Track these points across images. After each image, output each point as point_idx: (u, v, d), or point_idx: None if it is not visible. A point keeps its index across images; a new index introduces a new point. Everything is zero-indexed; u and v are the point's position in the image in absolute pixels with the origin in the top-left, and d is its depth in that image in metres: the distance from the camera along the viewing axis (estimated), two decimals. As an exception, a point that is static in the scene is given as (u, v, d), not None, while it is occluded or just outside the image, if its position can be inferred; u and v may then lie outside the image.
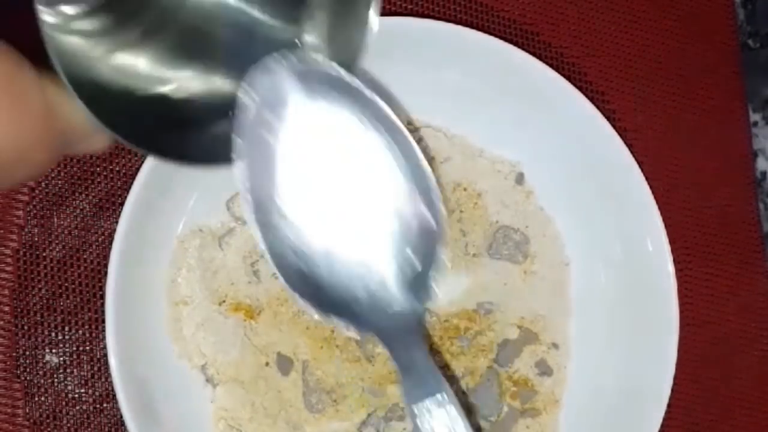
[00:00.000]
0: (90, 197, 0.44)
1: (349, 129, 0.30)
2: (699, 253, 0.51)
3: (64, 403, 0.42)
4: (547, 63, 0.43)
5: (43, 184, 0.43)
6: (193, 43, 0.30)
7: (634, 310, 0.45)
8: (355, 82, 0.29)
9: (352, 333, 0.32)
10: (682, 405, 0.48)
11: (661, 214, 0.43)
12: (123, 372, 0.38)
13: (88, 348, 0.43)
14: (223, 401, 0.42)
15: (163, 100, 0.29)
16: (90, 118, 0.24)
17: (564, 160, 0.45)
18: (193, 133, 0.29)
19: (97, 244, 0.43)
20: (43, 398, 0.42)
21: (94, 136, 0.26)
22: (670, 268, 0.43)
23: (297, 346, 0.43)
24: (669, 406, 0.43)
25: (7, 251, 0.42)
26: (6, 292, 0.42)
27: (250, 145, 0.29)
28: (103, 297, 0.38)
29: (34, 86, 0.23)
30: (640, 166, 0.43)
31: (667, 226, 0.43)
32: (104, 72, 0.28)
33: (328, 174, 0.31)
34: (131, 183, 0.39)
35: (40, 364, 0.42)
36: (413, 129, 0.46)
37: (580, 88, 0.43)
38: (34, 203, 0.43)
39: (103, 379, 0.43)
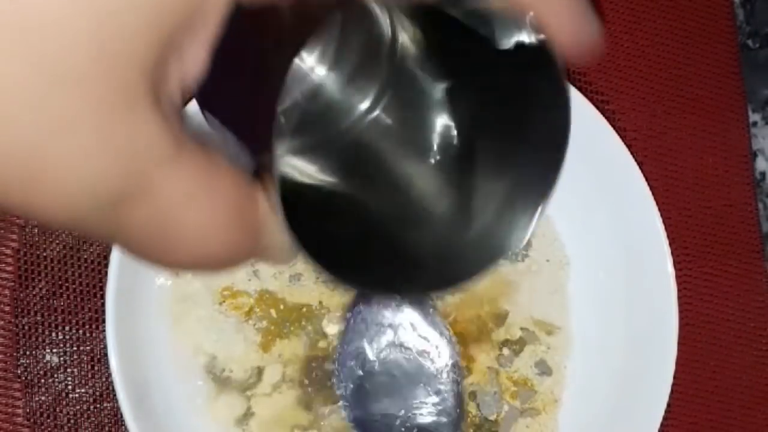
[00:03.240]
0: (90, 196, 0.44)
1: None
2: (699, 253, 0.51)
3: (63, 402, 0.42)
4: (547, 63, 0.43)
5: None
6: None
7: (633, 310, 0.45)
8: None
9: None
10: (682, 405, 0.48)
11: (661, 214, 0.43)
12: (123, 371, 0.38)
13: (87, 347, 0.43)
14: (224, 400, 0.42)
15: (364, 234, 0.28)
16: (296, 247, 0.23)
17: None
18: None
19: (97, 243, 0.43)
20: (42, 397, 0.42)
21: (285, 254, 0.25)
22: (670, 268, 0.43)
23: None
24: (668, 405, 0.43)
25: (7, 251, 0.42)
26: (6, 291, 0.42)
27: None
28: (103, 296, 0.38)
29: (255, 209, 0.23)
30: (640, 166, 0.43)
31: (666, 226, 0.43)
32: (311, 198, 0.27)
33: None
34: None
35: (40, 364, 0.42)
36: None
37: (580, 88, 0.43)
38: (34, 202, 0.43)
39: (103, 379, 0.43)
